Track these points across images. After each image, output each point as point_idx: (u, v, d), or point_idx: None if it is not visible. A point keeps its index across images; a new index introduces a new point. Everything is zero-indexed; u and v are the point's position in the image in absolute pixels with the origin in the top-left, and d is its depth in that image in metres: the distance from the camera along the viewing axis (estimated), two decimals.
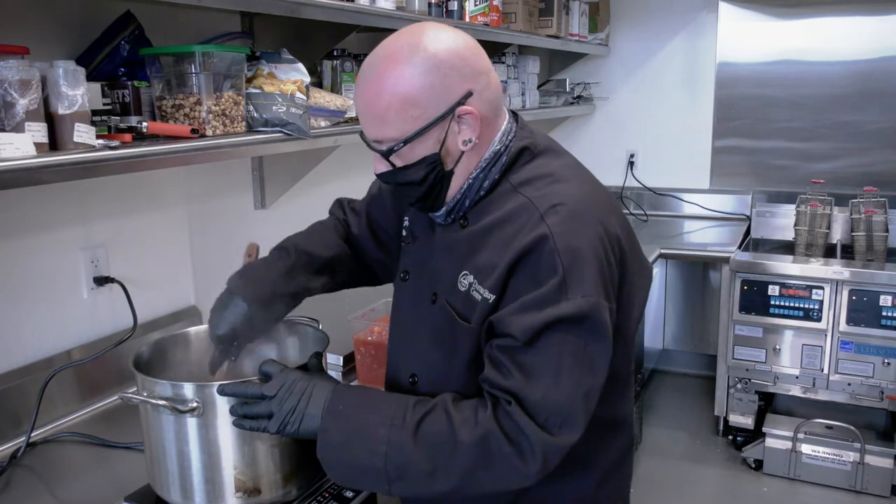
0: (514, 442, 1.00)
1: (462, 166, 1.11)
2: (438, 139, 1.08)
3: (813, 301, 3.01)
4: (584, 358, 1.03)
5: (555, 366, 1.01)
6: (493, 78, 1.12)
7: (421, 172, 1.10)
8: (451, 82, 1.05)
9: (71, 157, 1.21)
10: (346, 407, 1.08)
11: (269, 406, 1.10)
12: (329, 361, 1.82)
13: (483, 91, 1.08)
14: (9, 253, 1.54)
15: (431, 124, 1.06)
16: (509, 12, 2.82)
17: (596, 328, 1.02)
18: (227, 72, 1.55)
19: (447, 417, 1.03)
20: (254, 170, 2.18)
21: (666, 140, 3.99)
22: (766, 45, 3.68)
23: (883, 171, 3.54)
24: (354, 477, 1.09)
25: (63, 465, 1.48)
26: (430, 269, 1.20)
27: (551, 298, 1.01)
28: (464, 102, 1.06)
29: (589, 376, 1.04)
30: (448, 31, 1.08)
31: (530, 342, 1.01)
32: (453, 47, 1.06)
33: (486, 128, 1.11)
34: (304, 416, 1.08)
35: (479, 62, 1.09)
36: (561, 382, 1.01)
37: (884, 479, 2.92)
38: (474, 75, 1.08)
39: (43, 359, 1.60)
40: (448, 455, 1.02)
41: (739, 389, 3.22)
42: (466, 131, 1.08)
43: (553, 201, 1.07)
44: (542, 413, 1.00)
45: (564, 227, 1.04)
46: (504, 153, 1.13)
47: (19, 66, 1.17)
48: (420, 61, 1.04)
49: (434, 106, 1.05)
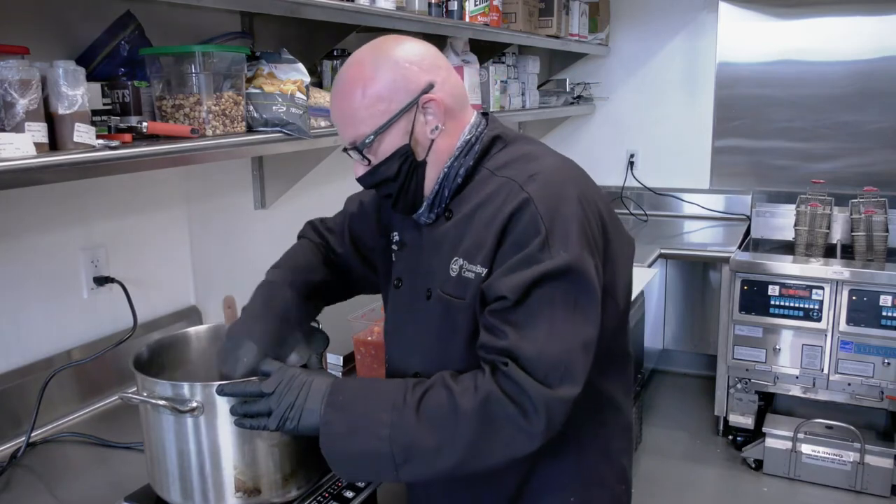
0: (515, 402, 1.01)
1: (434, 156, 1.16)
2: (406, 130, 1.14)
3: (813, 301, 3.01)
4: (576, 310, 1.05)
5: (547, 320, 1.04)
6: (454, 75, 1.19)
7: (395, 165, 1.15)
8: (411, 75, 1.13)
9: (71, 157, 1.21)
10: (346, 397, 1.09)
11: (268, 403, 1.10)
12: (329, 361, 1.82)
13: (444, 84, 1.15)
14: (9, 253, 1.54)
15: (398, 115, 1.13)
16: (509, 12, 2.82)
17: (583, 281, 1.06)
18: (227, 72, 1.55)
19: (447, 390, 1.05)
20: (254, 170, 2.18)
21: (666, 140, 3.99)
22: (766, 45, 3.68)
23: (883, 171, 3.54)
24: (361, 466, 1.09)
25: (63, 465, 1.48)
26: (422, 270, 1.21)
27: (536, 256, 1.05)
28: (427, 92, 1.13)
29: (582, 327, 1.06)
30: (409, 39, 1.18)
31: (520, 301, 1.04)
32: (413, 49, 1.16)
33: (452, 119, 1.17)
34: (304, 411, 1.09)
35: (437, 61, 1.17)
36: (555, 335, 1.03)
37: (884, 479, 2.92)
38: (434, 69, 1.15)
39: (43, 359, 1.60)
40: (452, 427, 1.02)
41: (739, 389, 3.22)
42: (432, 119, 1.15)
43: (530, 172, 1.12)
44: (540, 368, 1.02)
45: (544, 191, 1.09)
46: (475, 142, 1.19)
47: (19, 66, 1.17)
48: (382, 61, 1.13)
49: (398, 98, 1.13)
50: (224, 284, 2.10)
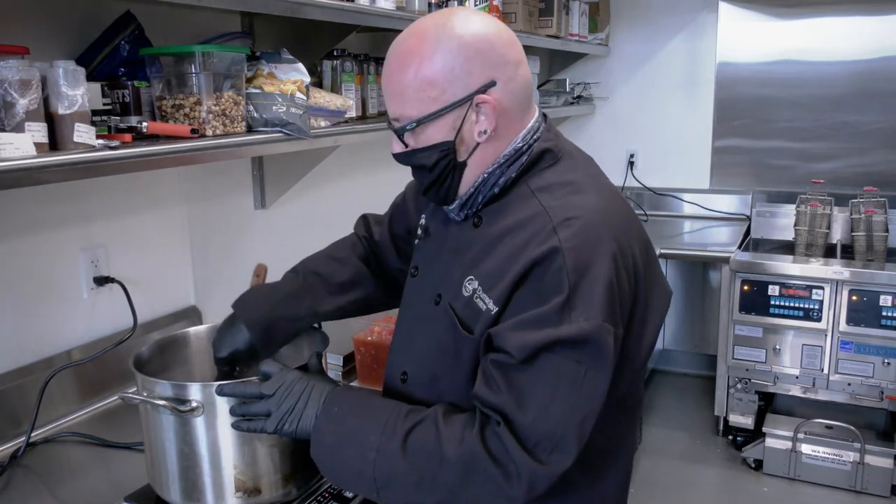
0: (499, 463, 0.96)
1: (476, 158, 1.08)
2: (454, 126, 1.05)
3: (813, 301, 3.01)
4: (582, 384, 0.98)
5: (549, 390, 0.97)
6: (523, 71, 1.08)
7: (433, 157, 1.08)
8: (473, 67, 1.03)
9: (71, 157, 1.21)
10: (341, 410, 1.07)
11: (268, 405, 1.10)
12: (329, 361, 1.82)
13: (508, 82, 1.05)
14: (9, 253, 1.54)
15: (447, 108, 1.04)
16: (509, 12, 2.82)
17: (597, 354, 0.98)
18: (227, 72, 1.55)
19: (436, 431, 1.01)
20: (254, 170, 2.18)
21: (666, 140, 3.99)
22: (766, 45, 3.68)
23: (883, 171, 3.54)
24: (345, 480, 1.09)
25: (63, 465, 1.48)
26: (437, 268, 1.17)
27: (553, 318, 0.97)
28: (485, 91, 1.04)
29: (585, 403, 0.99)
30: (480, 16, 1.07)
31: (526, 361, 0.97)
32: (482, 32, 1.04)
33: (508, 122, 1.07)
34: (302, 416, 1.08)
35: (508, 51, 1.06)
36: (554, 408, 0.97)
37: (884, 479, 2.92)
38: (501, 64, 1.05)
39: (43, 359, 1.60)
40: (434, 469, 0.99)
41: (739, 389, 3.22)
42: (483, 122, 1.05)
43: (568, 214, 1.02)
44: (531, 437, 0.96)
45: (576, 241, 0.99)
46: (525, 152, 1.09)
47: (19, 66, 1.17)
48: (445, 41, 1.02)
49: (453, 90, 1.03)
50: (224, 284, 2.10)
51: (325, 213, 2.52)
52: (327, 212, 2.53)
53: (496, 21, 1.08)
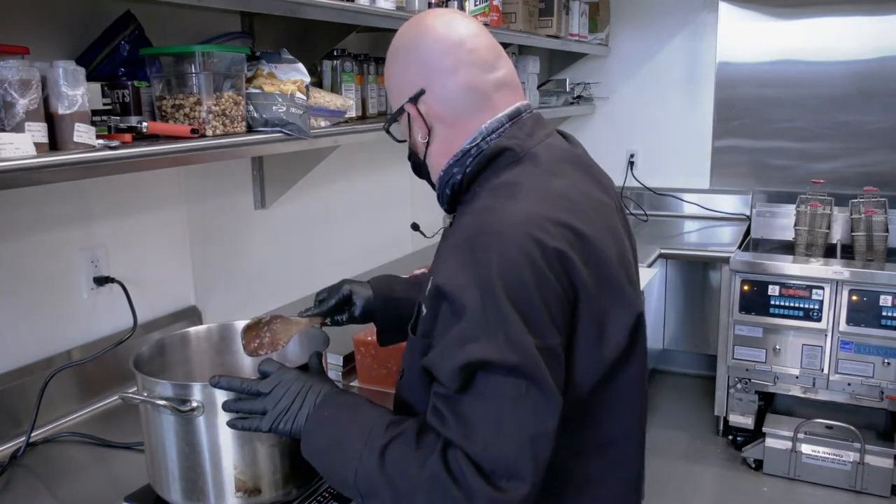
0: (460, 486, 0.92)
1: (431, 158, 1.12)
2: (405, 127, 1.13)
3: (813, 301, 3.01)
4: (525, 400, 0.92)
5: (494, 413, 0.92)
6: (463, 77, 1.06)
7: (408, 153, 1.17)
8: (410, 74, 1.08)
9: (71, 157, 1.21)
10: (331, 415, 1.06)
11: (264, 403, 1.09)
12: (329, 361, 1.82)
13: (439, 90, 1.06)
14: (9, 253, 1.54)
15: (398, 112, 1.12)
16: (509, 12, 2.82)
17: (531, 369, 0.91)
18: (227, 72, 1.55)
19: (410, 448, 0.97)
20: (254, 170, 2.18)
21: (666, 140, 3.99)
22: (766, 45, 3.68)
23: (883, 171, 3.54)
24: (333, 482, 1.10)
25: (63, 465, 1.48)
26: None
27: (472, 335, 0.92)
28: (416, 99, 1.08)
29: (534, 421, 0.92)
30: (422, 22, 1.10)
31: (463, 388, 0.93)
32: (416, 41, 1.08)
33: (448, 126, 1.08)
34: (297, 416, 1.07)
35: (441, 60, 1.06)
36: (502, 431, 0.91)
37: (884, 479, 2.92)
38: (431, 72, 1.07)
39: (43, 359, 1.60)
40: (406, 487, 0.96)
41: (739, 389, 3.22)
42: (417, 127, 1.10)
43: (486, 220, 0.98)
44: (485, 465, 0.91)
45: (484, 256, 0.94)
46: (473, 154, 1.07)
47: (19, 66, 1.17)
48: (402, 44, 1.11)
49: (397, 95, 1.11)
50: (224, 284, 2.10)
51: (325, 213, 2.52)
52: (327, 212, 2.53)
53: (441, 25, 1.08)
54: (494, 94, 1.08)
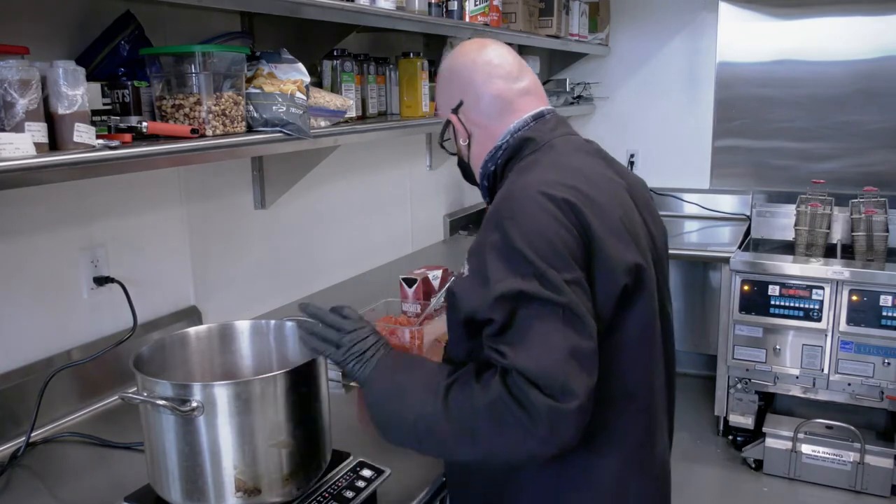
0: (522, 405, 1.02)
1: (473, 160, 1.34)
2: (452, 135, 1.35)
3: (813, 301, 3.01)
4: (566, 324, 1.04)
5: (541, 337, 1.04)
6: (493, 87, 1.27)
7: (458, 159, 1.40)
8: (452, 90, 1.32)
9: (71, 157, 1.21)
10: (396, 365, 1.17)
11: (341, 337, 1.19)
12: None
13: (477, 99, 1.28)
14: (9, 253, 1.54)
15: (445, 124, 1.35)
16: (509, 12, 2.82)
17: (563, 297, 1.04)
18: (227, 72, 1.55)
19: (470, 384, 1.08)
20: (254, 170, 2.18)
21: (666, 140, 3.99)
22: (766, 45, 3.68)
23: (883, 171, 3.55)
24: (392, 430, 1.16)
25: (63, 465, 1.48)
26: None
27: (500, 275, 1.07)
28: (456, 110, 1.31)
29: (576, 341, 1.04)
30: (472, 44, 1.32)
31: (508, 323, 1.06)
32: (456, 63, 1.31)
33: (483, 129, 1.30)
34: (367, 362, 1.17)
35: (473, 75, 1.28)
36: (551, 352, 1.03)
37: (884, 479, 2.92)
38: (466, 85, 1.29)
39: (43, 359, 1.60)
40: (469, 420, 1.06)
41: (739, 389, 3.22)
42: (459, 134, 1.33)
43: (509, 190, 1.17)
44: (541, 381, 1.02)
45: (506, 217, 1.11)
46: (503, 148, 1.28)
47: (19, 66, 1.17)
48: (442, 69, 1.35)
49: (444, 110, 1.34)
50: (224, 284, 2.10)
51: (325, 213, 2.52)
52: (327, 212, 2.53)
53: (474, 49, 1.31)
54: (519, 100, 1.28)
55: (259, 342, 1.44)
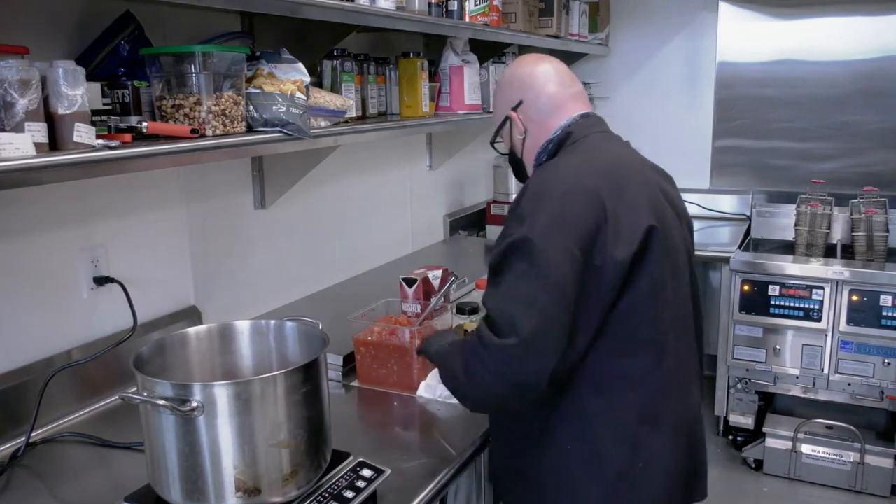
0: (482, 342, 1.25)
1: (526, 154, 1.54)
2: (508, 133, 1.55)
3: (813, 301, 3.01)
4: (529, 276, 1.23)
5: (506, 284, 1.26)
6: (549, 89, 1.49)
7: (510, 156, 1.59)
8: (509, 93, 1.53)
9: (71, 157, 1.21)
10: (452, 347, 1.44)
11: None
12: (329, 361, 1.82)
13: (536, 98, 1.49)
14: (9, 253, 1.54)
15: (502, 122, 1.55)
16: (509, 12, 2.82)
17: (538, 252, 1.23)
18: (227, 72, 1.55)
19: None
20: (254, 170, 2.18)
21: (666, 140, 3.98)
22: (766, 45, 3.68)
23: (883, 171, 3.55)
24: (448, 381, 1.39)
25: (63, 465, 1.48)
26: None
27: (509, 233, 1.29)
28: (516, 108, 1.51)
29: (534, 290, 1.22)
30: (530, 56, 1.55)
31: (495, 268, 1.29)
32: (513, 71, 1.54)
33: (538, 126, 1.50)
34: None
35: (533, 80, 1.50)
36: (508, 295, 1.25)
37: (884, 479, 2.92)
38: (525, 87, 1.50)
39: (43, 359, 1.60)
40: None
41: (739, 389, 3.22)
42: (517, 128, 1.52)
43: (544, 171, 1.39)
44: (497, 322, 1.24)
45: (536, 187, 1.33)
46: (553, 140, 1.49)
47: (19, 66, 1.17)
48: (502, 78, 1.58)
49: (502, 110, 1.55)
50: (224, 284, 2.10)
51: (325, 213, 2.52)
52: (327, 212, 2.53)
53: (532, 60, 1.54)
54: (570, 103, 1.50)
55: (259, 342, 1.44)
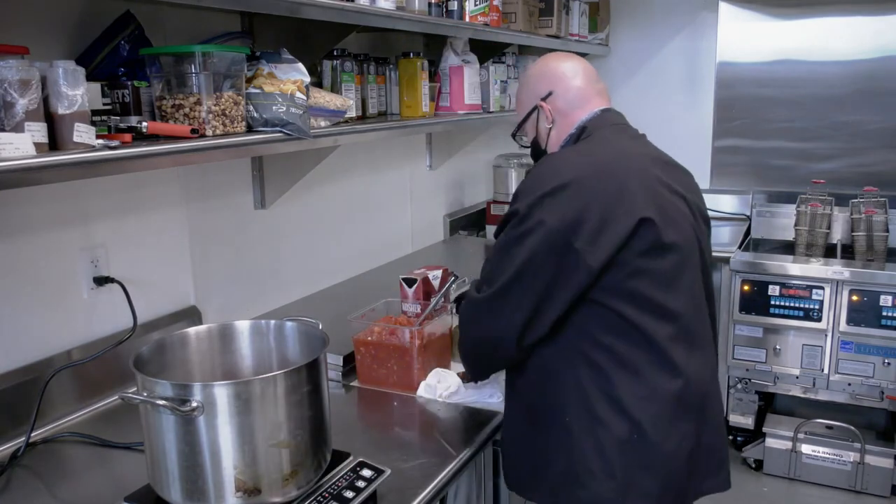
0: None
1: (551, 144, 1.59)
2: (534, 124, 1.61)
3: (813, 301, 3.01)
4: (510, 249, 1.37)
5: (497, 249, 1.41)
6: (577, 83, 1.56)
7: (532, 148, 1.65)
8: (538, 85, 1.59)
9: (71, 157, 1.21)
10: None
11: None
12: (329, 361, 1.82)
13: (565, 91, 1.56)
14: (8, 253, 1.54)
15: (528, 113, 1.61)
16: (509, 12, 2.82)
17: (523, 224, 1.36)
18: (227, 72, 1.55)
19: None
20: (254, 170, 2.18)
21: (666, 140, 3.94)
22: (766, 45, 3.68)
23: (883, 171, 3.54)
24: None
25: (63, 465, 1.48)
26: None
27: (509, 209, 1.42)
28: (545, 99, 1.57)
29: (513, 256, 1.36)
30: (555, 56, 1.63)
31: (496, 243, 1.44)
32: (544, 65, 1.61)
33: (564, 117, 1.57)
34: None
35: (563, 72, 1.57)
36: (496, 259, 1.41)
37: (884, 479, 2.92)
38: (555, 79, 1.57)
39: (43, 359, 1.60)
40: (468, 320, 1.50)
41: (739, 389, 3.22)
42: (545, 118, 1.58)
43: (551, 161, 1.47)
44: (481, 277, 1.45)
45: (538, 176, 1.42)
46: (573, 135, 1.56)
47: (19, 66, 1.17)
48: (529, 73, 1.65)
49: (529, 101, 1.61)
50: (224, 284, 2.10)
51: (325, 213, 2.52)
52: (327, 212, 2.53)
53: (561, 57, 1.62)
54: (595, 97, 1.58)
55: (259, 342, 1.44)
